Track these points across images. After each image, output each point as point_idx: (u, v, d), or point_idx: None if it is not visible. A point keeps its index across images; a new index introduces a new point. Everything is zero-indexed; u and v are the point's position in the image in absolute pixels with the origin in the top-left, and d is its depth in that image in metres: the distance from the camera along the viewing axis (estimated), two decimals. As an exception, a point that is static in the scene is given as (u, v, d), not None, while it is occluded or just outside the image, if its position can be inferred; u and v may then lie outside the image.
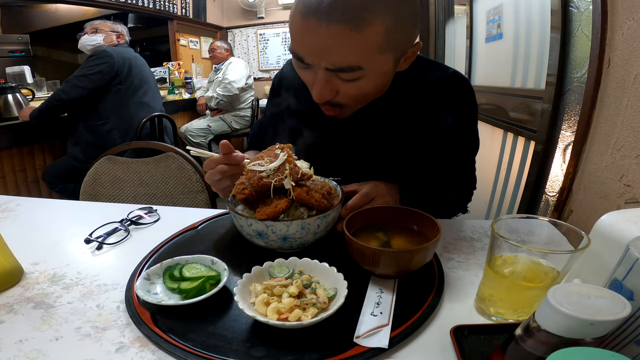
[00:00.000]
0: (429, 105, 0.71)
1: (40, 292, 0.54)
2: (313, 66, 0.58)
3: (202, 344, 0.43)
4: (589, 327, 0.28)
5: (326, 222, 0.57)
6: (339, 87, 0.60)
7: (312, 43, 0.55)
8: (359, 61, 0.56)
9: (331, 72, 0.57)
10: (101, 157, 1.23)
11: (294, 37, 0.58)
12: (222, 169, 0.62)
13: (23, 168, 2.15)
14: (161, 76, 3.79)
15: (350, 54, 0.55)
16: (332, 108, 0.65)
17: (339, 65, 0.56)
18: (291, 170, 0.56)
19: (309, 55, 0.57)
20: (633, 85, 0.63)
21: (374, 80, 0.60)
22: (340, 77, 0.58)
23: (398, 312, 0.46)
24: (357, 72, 0.57)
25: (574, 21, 0.96)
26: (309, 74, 0.60)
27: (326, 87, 0.59)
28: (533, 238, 0.48)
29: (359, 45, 0.54)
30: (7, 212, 0.86)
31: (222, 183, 0.64)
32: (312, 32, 0.54)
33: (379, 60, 0.57)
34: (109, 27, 2.13)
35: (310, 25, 0.53)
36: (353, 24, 0.52)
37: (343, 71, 0.56)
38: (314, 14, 0.53)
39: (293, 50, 0.59)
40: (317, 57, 0.56)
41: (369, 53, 0.55)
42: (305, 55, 0.57)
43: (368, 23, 0.52)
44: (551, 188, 1.03)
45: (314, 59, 0.57)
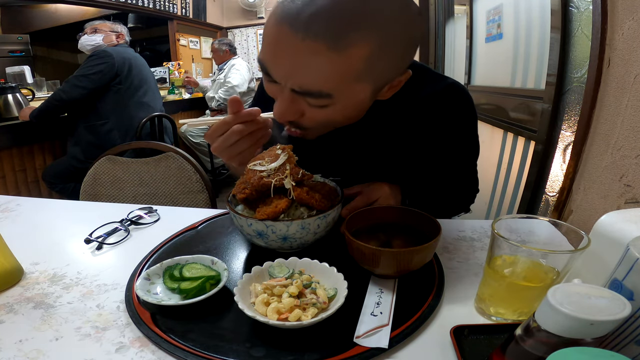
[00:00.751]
0: (425, 117, 0.69)
1: (40, 292, 0.54)
2: (279, 84, 0.51)
3: (202, 344, 0.43)
4: (589, 327, 0.28)
5: (326, 222, 0.57)
6: (305, 110, 0.53)
7: (282, 56, 0.48)
8: (331, 87, 0.48)
9: (297, 94, 0.50)
10: (101, 157, 1.23)
11: (263, 45, 0.50)
12: (239, 129, 0.53)
13: (23, 168, 2.15)
14: (161, 76, 3.79)
15: (322, 77, 0.47)
16: (294, 128, 0.58)
17: (307, 88, 0.49)
18: (291, 170, 0.56)
19: (275, 70, 0.50)
20: (633, 85, 0.63)
21: (344, 110, 0.53)
22: (306, 101, 0.51)
23: (398, 312, 0.46)
24: (325, 99, 0.50)
25: (574, 21, 0.97)
26: (275, 88, 0.53)
27: (290, 108, 0.52)
28: (533, 238, 0.48)
29: (334, 70, 0.46)
30: (7, 212, 0.86)
31: (240, 146, 0.55)
32: (284, 43, 0.46)
33: (354, 89, 0.50)
34: (108, 27, 2.13)
35: (283, 35, 0.45)
36: (333, 43, 0.44)
37: (311, 96, 0.50)
38: (289, 22, 0.45)
39: (260, 60, 0.52)
40: (284, 75, 0.49)
41: (344, 80, 0.48)
42: (273, 70, 0.50)
43: (351, 44, 0.44)
44: (551, 188, 1.03)
45: (281, 76, 0.50)
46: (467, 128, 0.72)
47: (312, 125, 0.57)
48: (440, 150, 0.72)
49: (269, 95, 0.72)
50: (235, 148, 0.56)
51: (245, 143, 0.56)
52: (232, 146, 0.55)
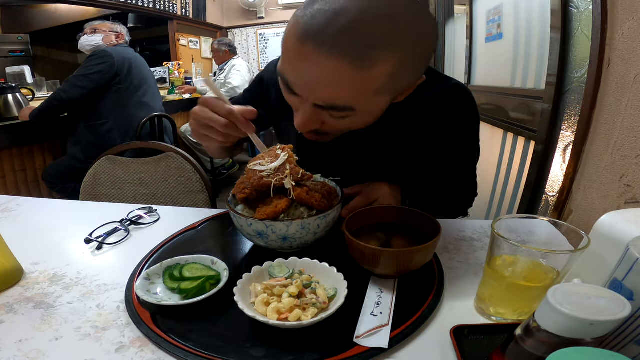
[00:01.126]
0: (429, 118, 0.69)
1: (40, 292, 0.54)
2: (301, 97, 0.52)
3: (202, 344, 0.43)
4: (589, 327, 0.28)
5: (326, 222, 0.57)
6: (326, 120, 0.55)
7: (305, 73, 0.48)
8: (354, 102, 0.50)
9: (320, 108, 0.52)
10: (101, 157, 1.23)
11: (285, 59, 0.51)
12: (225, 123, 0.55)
13: (23, 168, 2.15)
14: (161, 76, 3.79)
15: (346, 93, 0.48)
16: (314, 135, 0.60)
17: (330, 103, 0.50)
18: (291, 170, 0.56)
19: (299, 85, 0.51)
20: (633, 85, 0.63)
21: (365, 118, 0.55)
22: (329, 113, 0.53)
23: (398, 312, 0.46)
24: (348, 112, 0.51)
25: (574, 21, 0.97)
26: (295, 99, 0.54)
27: (311, 120, 0.54)
28: (533, 238, 0.48)
29: (357, 86, 0.47)
30: (7, 212, 0.86)
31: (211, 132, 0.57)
32: (308, 60, 0.46)
33: (375, 101, 0.52)
34: (108, 27, 2.13)
35: (307, 52, 0.46)
36: (358, 62, 0.45)
37: (333, 110, 0.51)
38: (314, 40, 0.45)
39: (282, 73, 0.52)
40: (307, 91, 0.50)
41: (366, 94, 0.49)
42: (295, 85, 0.51)
43: (374, 63, 0.45)
44: (551, 188, 1.03)
45: (304, 92, 0.51)
46: (471, 130, 0.72)
47: (332, 132, 0.59)
48: (443, 151, 0.72)
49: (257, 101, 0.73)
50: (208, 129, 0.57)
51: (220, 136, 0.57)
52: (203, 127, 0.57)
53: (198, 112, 0.57)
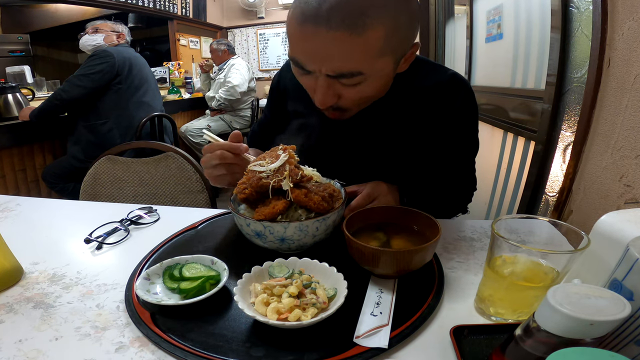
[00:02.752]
0: (429, 108, 0.71)
1: (40, 292, 0.54)
2: (313, 72, 0.58)
3: (201, 343, 0.43)
4: (589, 327, 0.28)
5: (325, 225, 0.57)
6: (341, 92, 0.60)
7: (312, 50, 0.55)
8: (360, 66, 0.55)
9: (332, 78, 0.57)
10: (101, 156, 1.22)
11: (292, 44, 0.58)
12: (222, 155, 0.62)
13: (23, 168, 2.15)
14: (161, 76, 3.79)
15: (351, 59, 0.54)
16: (334, 111, 0.64)
17: (340, 71, 0.55)
18: (291, 171, 0.56)
19: (309, 62, 0.57)
20: (633, 85, 0.63)
21: (375, 83, 0.60)
22: (341, 82, 0.58)
23: (398, 312, 0.46)
24: (358, 77, 0.56)
25: (574, 21, 0.96)
26: (310, 79, 0.60)
27: (328, 93, 0.59)
28: (533, 238, 0.48)
29: (359, 51, 0.53)
30: (7, 211, 0.86)
31: (218, 170, 0.64)
32: (312, 38, 0.53)
33: (380, 63, 0.57)
34: (109, 27, 2.13)
35: (309, 32, 0.53)
36: (353, 30, 0.51)
37: (344, 77, 0.56)
38: (312, 20, 0.52)
39: (292, 56, 0.59)
40: (318, 64, 0.56)
41: (369, 58, 0.55)
42: (306, 62, 0.57)
43: (368, 28, 0.51)
44: (551, 188, 1.03)
45: (315, 66, 0.56)
46: (469, 118, 0.73)
47: (349, 105, 0.63)
48: (441, 142, 0.73)
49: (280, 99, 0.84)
50: (215, 169, 0.64)
51: (223, 169, 0.63)
52: (213, 167, 0.64)
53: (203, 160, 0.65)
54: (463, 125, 0.73)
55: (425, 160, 0.75)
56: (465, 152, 0.76)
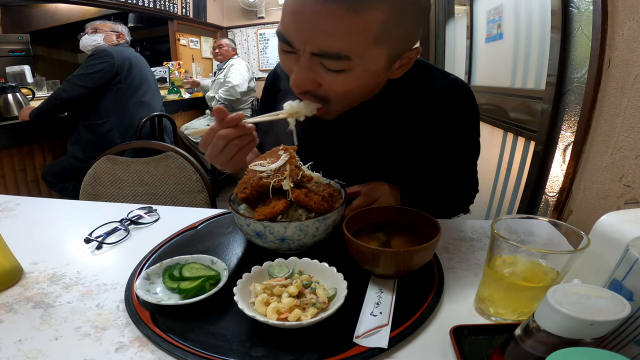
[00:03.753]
0: (430, 113, 0.69)
1: (39, 292, 0.54)
2: (298, 51, 0.53)
3: (201, 343, 0.43)
4: (589, 327, 0.28)
5: (326, 225, 0.57)
6: (322, 79, 0.55)
7: (302, 22, 0.50)
8: (350, 48, 0.51)
9: (316, 57, 0.52)
10: (101, 156, 1.22)
11: (284, 16, 0.53)
12: (225, 134, 0.56)
13: (23, 167, 2.15)
14: (161, 76, 3.79)
15: (342, 38, 0.50)
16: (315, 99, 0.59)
17: (326, 50, 0.51)
18: (291, 171, 0.56)
19: (296, 36, 0.52)
20: (633, 85, 0.63)
21: (361, 76, 0.55)
22: (324, 66, 0.53)
23: (398, 312, 0.46)
24: (344, 62, 0.52)
25: (574, 21, 0.96)
26: (291, 59, 0.55)
27: (308, 76, 0.54)
28: (533, 238, 0.48)
29: (353, 30, 0.49)
30: (7, 211, 0.86)
31: (229, 151, 0.58)
32: (306, 10, 0.49)
33: (371, 53, 0.52)
34: (109, 27, 2.13)
35: (305, 2, 0.49)
36: (351, 5, 0.47)
37: (329, 57, 0.52)
38: None
39: (280, 31, 0.54)
40: (304, 39, 0.51)
41: (362, 41, 0.50)
42: (292, 36, 0.52)
43: (368, 7, 0.48)
44: (551, 188, 1.03)
45: (301, 41, 0.52)
46: (471, 124, 0.73)
47: (330, 95, 0.58)
48: (443, 146, 0.72)
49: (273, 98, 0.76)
50: (225, 154, 0.58)
51: (233, 148, 0.58)
52: (221, 153, 0.58)
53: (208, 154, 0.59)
54: (464, 130, 0.72)
55: (427, 164, 0.75)
56: (466, 156, 0.76)
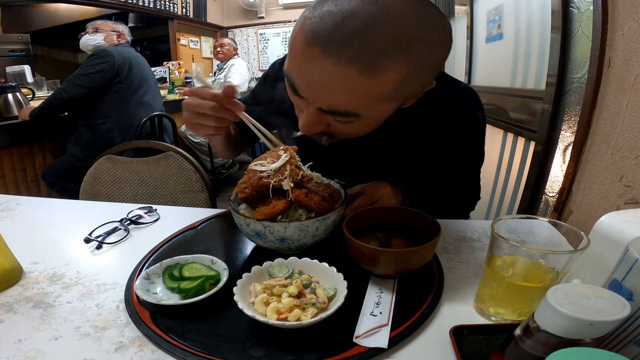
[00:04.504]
0: (439, 119, 0.69)
1: (39, 292, 0.54)
2: (306, 100, 0.51)
3: (201, 343, 0.43)
4: (588, 327, 0.28)
5: (325, 225, 0.57)
6: (330, 124, 0.54)
7: (311, 76, 0.47)
8: (359, 109, 0.49)
9: (324, 112, 0.51)
10: (101, 156, 1.22)
11: (291, 60, 0.50)
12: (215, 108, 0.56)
13: (23, 167, 2.15)
14: (161, 76, 3.79)
15: (351, 100, 0.48)
16: (319, 136, 0.58)
17: (335, 108, 0.49)
18: (291, 171, 0.56)
19: (304, 88, 0.50)
20: (633, 85, 0.63)
21: (370, 124, 0.55)
22: (334, 117, 0.52)
23: (397, 312, 0.46)
24: (352, 118, 0.51)
25: (574, 21, 0.96)
26: (301, 101, 0.53)
27: (315, 122, 0.53)
28: (533, 238, 0.48)
29: (364, 94, 0.46)
30: (6, 211, 0.86)
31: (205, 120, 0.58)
32: (314, 64, 0.45)
33: (381, 107, 0.51)
34: (109, 26, 2.13)
35: (314, 56, 0.45)
36: (365, 69, 0.43)
37: (338, 115, 0.51)
38: (322, 44, 0.44)
39: (288, 73, 0.51)
40: (312, 94, 0.49)
41: (372, 102, 0.48)
42: (300, 87, 0.50)
43: (382, 70, 0.44)
44: (551, 188, 1.03)
45: (309, 95, 0.50)
46: (477, 134, 0.72)
47: (337, 135, 0.57)
48: (448, 153, 0.72)
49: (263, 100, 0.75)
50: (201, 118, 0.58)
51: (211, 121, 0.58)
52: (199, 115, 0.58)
53: (188, 102, 0.58)
54: (471, 138, 0.72)
55: (431, 169, 0.74)
56: (470, 164, 0.76)
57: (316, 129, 0.54)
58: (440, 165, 0.74)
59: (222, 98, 0.57)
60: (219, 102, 0.57)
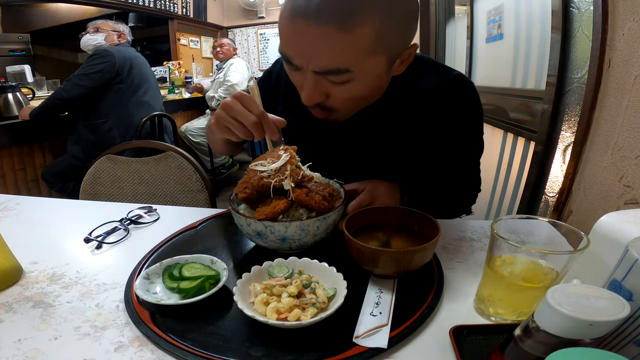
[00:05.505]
0: (433, 110, 0.69)
1: (39, 292, 0.54)
2: (302, 68, 0.57)
3: (201, 343, 0.43)
4: (588, 327, 0.28)
5: (326, 224, 0.57)
6: (329, 90, 0.59)
7: (300, 44, 0.54)
8: (348, 63, 0.54)
9: (320, 74, 0.56)
10: (101, 156, 1.22)
11: (282, 38, 0.57)
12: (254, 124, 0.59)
13: (23, 167, 2.15)
14: (161, 75, 3.79)
15: (338, 56, 0.53)
16: (322, 111, 0.63)
17: (326, 67, 0.55)
18: (292, 171, 0.56)
19: (297, 57, 0.56)
20: (633, 86, 0.63)
21: (365, 83, 0.58)
22: (329, 80, 0.57)
23: (397, 312, 0.46)
24: (345, 75, 0.55)
25: (574, 22, 0.96)
26: (299, 76, 0.59)
27: (315, 91, 0.58)
28: (532, 238, 0.48)
29: (347, 47, 0.52)
30: (6, 211, 0.86)
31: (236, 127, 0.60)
32: (300, 33, 0.53)
33: (370, 62, 0.56)
34: (110, 26, 2.13)
35: (298, 26, 0.52)
36: (341, 25, 0.50)
37: (331, 74, 0.55)
38: (302, 15, 0.51)
39: (282, 51, 0.58)
40: (305, 59, 0.55)
41: (358, 55, 0.54)
42: (294, 57, 0.56)
43: (357, 24, 0.51)
44: (551, 188, 1.03)
45: (302, 61, 0.56)
46: (474, 120, 0.72)
47: (338, 105, 0.61)
48: (446, 143, 0.72)
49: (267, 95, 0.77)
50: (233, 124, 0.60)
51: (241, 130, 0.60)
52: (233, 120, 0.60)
53: (230, 104, 0.61)
54: (468, 127, 0.72)
55: (429, 162, 0.74)
56: (470, 154, 0.76)
57: (316, 99, 0.59)
58: (439, 156, 0.74)
59: (266, 119, 0.60)
60: (260, 120, 0.60)
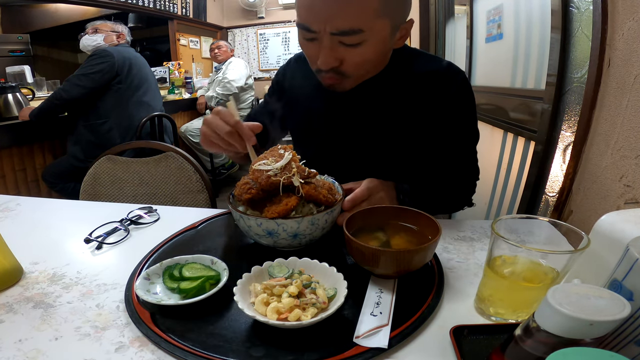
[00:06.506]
0: (425, 95, 0.72)
1: (39, 292, 0.54)
2: (319, 34, 0.61)
3: (201, 343, 0.43)
4: (589, 327, 0.28)
5: (332, 217, 0.59)
6: (344, 55, 0.64)
7: (317, 9, 0.60)
8: (360, 24, 0.60)
9: (335, 36, 0.61)
10: (101, 156, 1.22)
11: (300, 9, 0.63)
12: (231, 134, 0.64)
13: (23, 167, 2.15)
14: (161, 76, 3.79)
15: (352, 15, 0.59)
16: (334, 75, 0.67)
17: (342, 28, 0.60)
18: (298, 168, 0.57)
19: (314, 22, 0.61)
20: (633, 85, 0.63)
21: (375, 45, 0.64)
22: (344, 43, 0.62)
23: (398, 312, 0.46)
24: (359, 36, 0.61)
25: (574, 21, 0.96)
26: (314, 47, 0.64)
27: (331, 54, 0.63)
28: (533, 238, 0.48)
29: (359, 8, 0.59)
30: (6, 211, 0.86)
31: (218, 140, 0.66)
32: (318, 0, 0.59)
33: (378, 24, 0.61)
34: (109, 27, 2.13)
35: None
36: None
37: (346, 34, 0.60)
38: None
39: (300, 22, 0.64)
40: (323, 23, 0.60)
41: (368, 16, 0.60)
42: (312, 23, 0.61)
43: None
44: (551, 188, 1.03)
45: (320, 25, 0.61)
46: (466, 106, 0.74)
47: (351, 69, 0.66)
48: (440, 129, 0.73)
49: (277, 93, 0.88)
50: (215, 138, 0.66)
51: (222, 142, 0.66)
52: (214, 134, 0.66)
53: (209, 119, 0.67)
54: (460, 113, 0.74)
55: (425, 151, 0.75)
56: (464, 140, 0.77)
57: (332, 62, 0.64)
58: (434, 144, 0.75)
59: (240, 126, 0.65)
60: (234, 128, 0.65)
